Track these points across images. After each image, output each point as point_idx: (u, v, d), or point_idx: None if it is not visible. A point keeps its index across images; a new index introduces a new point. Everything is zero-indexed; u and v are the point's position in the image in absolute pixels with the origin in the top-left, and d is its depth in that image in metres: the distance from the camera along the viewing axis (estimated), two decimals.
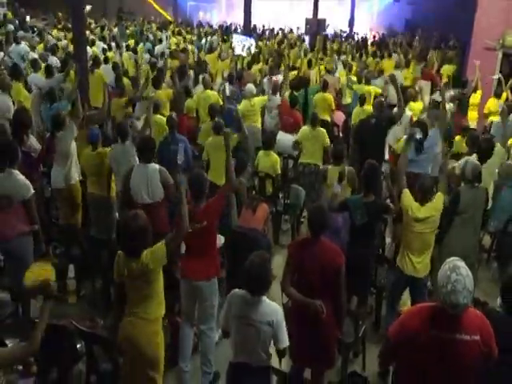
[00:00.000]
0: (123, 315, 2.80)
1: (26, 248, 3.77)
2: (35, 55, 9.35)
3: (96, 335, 3.12)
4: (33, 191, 3.76)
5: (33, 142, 4.78)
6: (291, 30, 17.07)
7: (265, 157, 5.56)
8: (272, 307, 2.65)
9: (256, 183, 5.62)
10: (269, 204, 4.74)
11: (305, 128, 6.09)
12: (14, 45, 9.59)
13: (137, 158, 4.27)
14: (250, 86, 7.22)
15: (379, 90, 7.83)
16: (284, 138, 6.55)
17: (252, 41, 12.55)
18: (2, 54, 9.00)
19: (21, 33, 12.03)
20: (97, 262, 4.33)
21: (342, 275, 2.98)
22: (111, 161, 4.50)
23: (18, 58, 9.11)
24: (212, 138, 5.39)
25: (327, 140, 5.90)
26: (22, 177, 3.73)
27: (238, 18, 19.42)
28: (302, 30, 17.55)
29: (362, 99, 7.16)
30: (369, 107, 6.94)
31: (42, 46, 11.12)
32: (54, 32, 14.20)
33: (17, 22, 13.70)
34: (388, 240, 4.92)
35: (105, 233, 4.44)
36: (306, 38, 16.43)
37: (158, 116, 5.85)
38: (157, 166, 4.03)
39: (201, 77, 7.85)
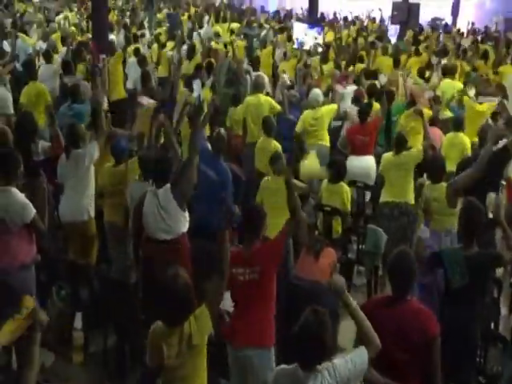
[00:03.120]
0: None
1: (27, 284, 4.03)
2: (43, 45, 10.16)
3: None
4: (34, 211, 4.01)
5: (44, 145, 5.19)
6: (374, 19, 17.31)
7: (331, 189, 5.63)
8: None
9: (320, 220, 5.70)
10: (337, 249, 4.81)
11: (387, 156, 6.00)
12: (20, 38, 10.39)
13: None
14: (316, 92, 7.37)
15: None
16: (357, 164, 6.58)
17: (315, 33, 12.75)
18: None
19: (30, 13, 12.98)
20: (111, 310, 4.49)
21: (437, 350, 2.97)
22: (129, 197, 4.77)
23: (23, 52, 9.89)
24: (271, 179, 5.37)
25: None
26: (20, 195, 4.02)
27: (301, 3, 20.01)
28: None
29: (457, 122, 6.97)
30: (467, 136, 6.75)
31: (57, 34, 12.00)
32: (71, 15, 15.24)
33: None
34: (504, 311, 4.80)
35: (124, 274, 4.67)
36: (392, 29, 16.60)
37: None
38: (168, 186, 4.15)
39: (251, 75, 8.15)
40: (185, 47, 10.28)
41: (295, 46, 12.16)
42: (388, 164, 5.91)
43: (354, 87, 8.40)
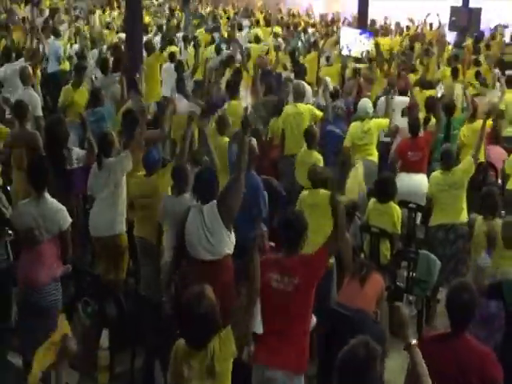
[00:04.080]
0: None
1: (54, 298, 4.17)
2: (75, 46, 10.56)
3: None
4: (70, 220, 4.21)
5: (79, 153, 5.41)
6: (431, 25, 17.18)
7: (379, 209, 5.61)
8: None
9: (366, 242, 5.68)
10: (384, 276, 4.77)
11: (436, 175, 5.92)
12: (52, 38, 10.84)
13: None
14: (365, 102, 7.38)
15: None
16: (407, 182, 6.51)
17: (365, 39, 12.74)
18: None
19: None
20: (140, 328, 4.56)
21: None
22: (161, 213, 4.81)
23: (54, 57, 10.25)
24: (309, 193, 5.44)
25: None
26: (55, 202, 4.23)
27: (349, 7, 20.07)
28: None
29: None
30: None
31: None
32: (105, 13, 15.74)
33: None
34: None
35: (155, 291, 4.72)
36: (450, 36, 16.44)
37: (225, 139, 6.05)
38: (214, 202, 4.19)
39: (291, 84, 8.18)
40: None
41: (344, 52, 12.18)
42: (437, 185, 5.83)
43: (403, 98, 8.26)
